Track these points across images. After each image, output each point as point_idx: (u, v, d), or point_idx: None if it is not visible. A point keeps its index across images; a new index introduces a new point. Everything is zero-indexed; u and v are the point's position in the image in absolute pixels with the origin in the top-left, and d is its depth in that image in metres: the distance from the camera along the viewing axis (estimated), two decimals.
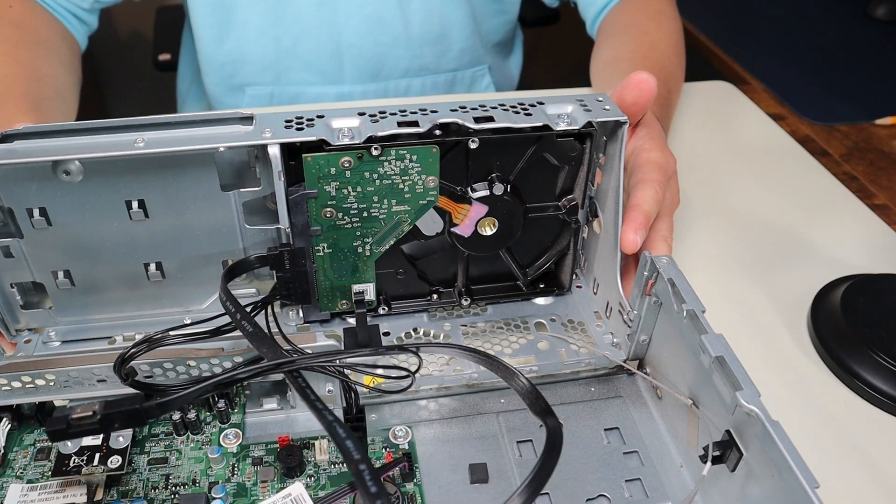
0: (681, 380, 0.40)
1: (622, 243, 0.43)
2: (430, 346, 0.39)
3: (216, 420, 0.42)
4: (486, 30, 0.89)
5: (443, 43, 0.85)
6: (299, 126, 0.39)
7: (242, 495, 0.38)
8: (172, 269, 0.44)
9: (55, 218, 0.40)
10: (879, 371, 0.46)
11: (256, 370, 0.35)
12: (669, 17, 0.75)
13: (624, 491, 0.39)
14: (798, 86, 0.89)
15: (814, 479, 0.29)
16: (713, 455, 0.35)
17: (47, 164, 0.38)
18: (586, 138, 0.43)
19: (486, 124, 0.40)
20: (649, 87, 0.44)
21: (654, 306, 0.41)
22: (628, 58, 0.69)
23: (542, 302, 0.50)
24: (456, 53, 0.87)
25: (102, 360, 0.38)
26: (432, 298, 0.48)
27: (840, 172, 0.71)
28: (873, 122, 0.81)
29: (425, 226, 0.44)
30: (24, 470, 0.39)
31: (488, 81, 0.93)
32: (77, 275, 0.43)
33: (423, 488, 0.39)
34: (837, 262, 0.57)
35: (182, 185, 0.40)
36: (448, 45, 0.86)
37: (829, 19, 1.08)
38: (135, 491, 0.38)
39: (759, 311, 0.53)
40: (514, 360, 0.45)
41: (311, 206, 0.41)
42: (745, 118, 0.79)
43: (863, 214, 0.64)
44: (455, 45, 0.86)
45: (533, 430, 0.42)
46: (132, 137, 0.37)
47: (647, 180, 0.45)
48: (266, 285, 0.47)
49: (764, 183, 0.67)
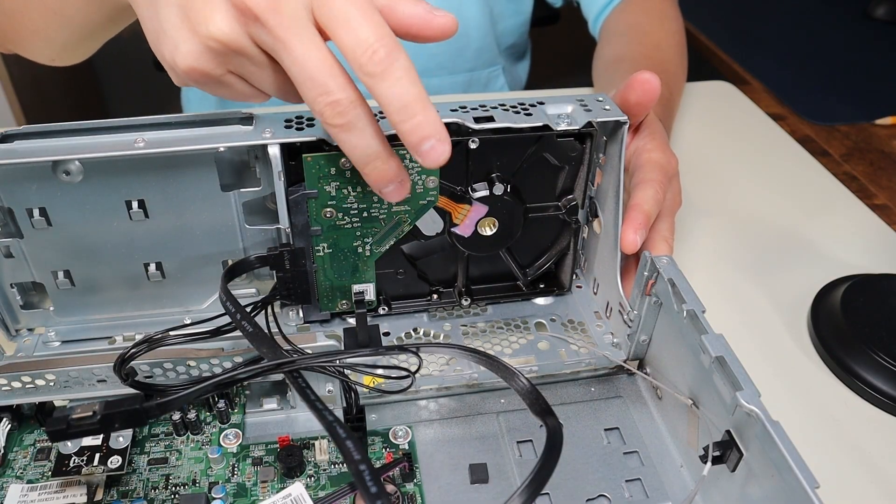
0: (681, 380, 0.40)
1: (622, 243, 0.43)
2: (430, 346, 0.39)
3: (216, 420, 0.42)
4: (501, 31, 0.89)
5: (460, 41, 0.84)
6: (299, 126, 0.39)
7: (242, 495, 0.38)
8: (172, 269, 0.44)
9: (55, 218, 0.40)
10: (879, 371, 0.46)
11: (256, 370, 0.35)
12: (671, 18, 0.75)
13: (624, 491, 0.39)
14: (798, 86, 0.89)
15: (814, 479, 0.29)
16: (713, 455, 0.35)
17: (47, 164, 0.38)
18: (586, 138, 0.43)
19: (487, 124, 0.40)
20: (652, 87, 0.44)
21: (654, 306, 0.41)
22: (631, 58, 0.69)
23: (542, 302, 0.50)
24: (473, 53, 0.86)
25: (102, 360, 0.39)
26: (432, 298, 0.48)
27: (840, 172, 0.71)
28: (873, 122, 0.81)
29: (425, 226, 0.44)
30: (24, 470, 0.39)
31: (502, 82, 0.93)
32: (77, 275, 0.43)
33: (423, 488, 0.39)
34: (837, 262, 0.57)
35: (182, 185, 0.40)
36: (465, 43, 0.85)
37: (829, 19, 1.08)
38: (135, 491, 0.38)
39: (759, 311, 0.53)
40: (514, 360, 0.45)
41: (311, 206, 0.41)
42: (745, 118, 0.79)
43: (863, 214, 0.64)
44: (472, 43, 0.85)
45: (533, 430, 0.42)
46: (132, 137, 0.37)
47: (648, 180, 0.45)
48: (266, 285, 0.47)
49: (764, 183, 0.67)
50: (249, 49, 0.33)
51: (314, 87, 0.32)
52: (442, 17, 0.34)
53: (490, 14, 0.85)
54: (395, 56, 0.31)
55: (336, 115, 0.32)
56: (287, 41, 0.31)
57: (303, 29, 0.31)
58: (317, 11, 0.32)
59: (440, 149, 0.32)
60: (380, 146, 0.34)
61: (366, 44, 0.31)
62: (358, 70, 0.31)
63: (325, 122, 0.33)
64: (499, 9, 0.87)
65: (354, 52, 0.31)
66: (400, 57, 0.31)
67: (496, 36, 0.88)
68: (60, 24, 0.55)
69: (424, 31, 0.34)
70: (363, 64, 0.31)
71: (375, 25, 0.31)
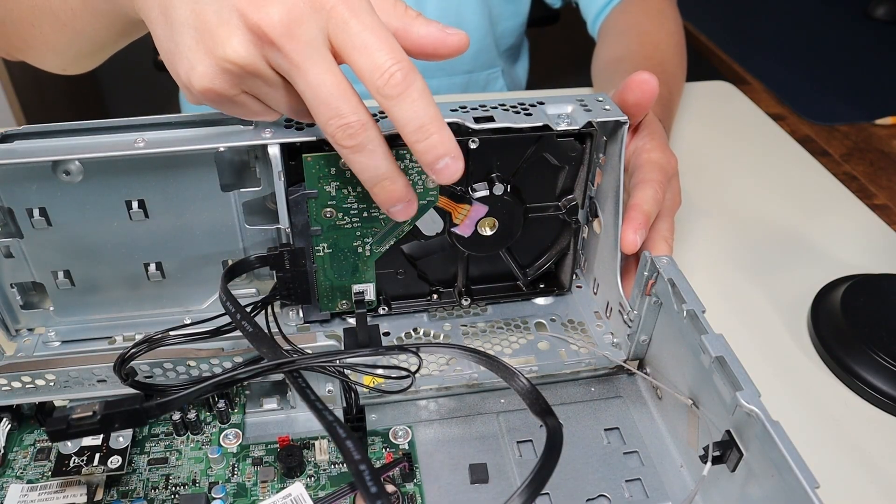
0: (681, 380, 0.40)
1: (622, 243, 0.43)
2: (430, 346, 0.39)
3: (216, 420, 0.42)
4: (499, 32, 0.89)
5: None
6: (299, 126, 0.39)
7: (242, 495, 0.38)
8: (172, 269, 0.44)
9: (55, 218, 0.40)
10: (879, 371, 0.46)
11: (256, 370, 0.35)
12: (670, 18, 0.75)
13: (624, 491, 0.39)
14: (798, 86, 0.89)
15: (814, 479, 0.29)
16: (713, 455, 0.35)
17: (47, 164, 0.38)
18: (586, 138, 0.43)
19: (487, 124, 0.40)
20: (651, 87, 0.44)
21: (654, 306, 0.41)
22: (630, 58, 0.69)
23: (542, 302, 0.50)
24: (471, 54, 0.86)
25: (102, 360, 0.39)
26: (432, 298, 0.48)
27: (840, 172, 0.71)
28: (873, 122, 0.81)
29: (425, 226, 0.44)
30: (24, 470, 0.39)
31: (501, 84, 0.93)
32: (77, 275, 0.43)
33: (423, 488, 0.39)
34: (837, 262, 0.57)
35: (182, 185, 0.40)
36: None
37: (829, 19, 1.08)
38: (135, 491, 0.38)
39: (759, 311, 0.53)
40: (514, 360, 0.45)
41: (311, 206, 0.41)
42: (745, 118, 0.79)
43: (863, 214, 0.64)
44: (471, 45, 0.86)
45: (533, 430, 0.42)
46: (132, 137, 0.37)
47: (648, 180, 0.45)
48: (266, 285, 0.47)
49: (764, 183, 0.67)
50: (264, 71, 0.33)
51: (327, 111, 0.32)
52: (454, 34, 0.35)
53: (489, 16, 0.85)
54: (412, 79, 0.32)
55: (348, 138, 0.33)
56: (301, 65, 0.32)
57: (317, 54, 0.32)
58: (333, 36, 0.32)
59: (454, 167, 0.33)
60: (390, 166, 0.34)
61: (383, 68, 0.31)
62: (375, 93, 0.32)
63: (336, 143, 0.33)
64: (497, 10, 0.87)
65: (372, 76, 0.32)
66: (416, 79, 0.32)
67: (495, 38, 0.88)
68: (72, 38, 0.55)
69: (440, 51, 0.35)
70: (380, 87, 0.32)
71: (391, 49, 0.32)
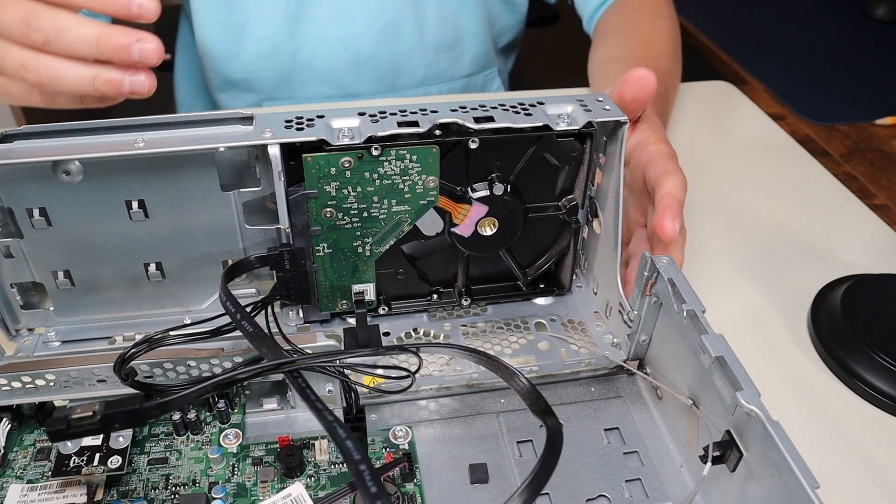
0: (681, 380, 0.40)
1: (661, 232, 0.43)
2: (430, 346, 0.39)
3: (216, 420, 0.42)
4: (498, 31, 0.89)
5: (457, 48, 0.85)
6: (299, 126, 0.39)
7: (242, 495, 0.38)
8: (172, 269, 0.44)
9: (55, 218, 0.40)
10: (879, 371, 0.46)
11: (256, 370, 0.35)
12: (666, 16, 0.75)
13: (624, 491, 0.39)
14: (798, 86, 0.89)
15: (814, 479, 0.29)
16: (713, 455, 0.35)
17: (47, 164, 0.38)
18: (586, 138, 0.43)
19: (486, 124, 0.40)
20: (648, 83, 0.44)
21: (654, 306, 0.41)
22: (625, 57, 0.69)
23: (542, 302, 0.50)
24: (470, 59, 0.87)
25: (102, 360, 0.39)
26: (432, 298, 0.48)
27: (840, 172, 0.71)
28: (873, 122, 0.81)
29: (425, 226, 0.44)
30: (24, 470, 0.39)
31: (499, 84, 0.93)
32: (77, 275, 0.43)
33: (423, 488, 0.39)
34: (837, 262, 0.57)
35: (182, 185, 0.40)
36: (462, 50, 0.86)
37: (829, 19, 1.08)
38: (135, 491, 0.38)
39: (759, 311, 0.53)
40: (514, 360, 0.45)
41: (311, 206, 0.41)
42: (745, 118, 0.79)
43: (863, 214, 0.64)
44: (469, 50, 0.86)
45: (533, 430, 0.42)
46: (132, 137, 0.37)
47: (669, 170, 0.45)
48: (266, 285, 0.47)
49: (764, 183, 0.67)
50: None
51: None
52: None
53: (488, 17, 0.86)
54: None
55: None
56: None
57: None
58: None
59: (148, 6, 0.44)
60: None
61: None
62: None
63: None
64: (496, 10, 0.87)
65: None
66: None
67: (493, 37, 0.89)
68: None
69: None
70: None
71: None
